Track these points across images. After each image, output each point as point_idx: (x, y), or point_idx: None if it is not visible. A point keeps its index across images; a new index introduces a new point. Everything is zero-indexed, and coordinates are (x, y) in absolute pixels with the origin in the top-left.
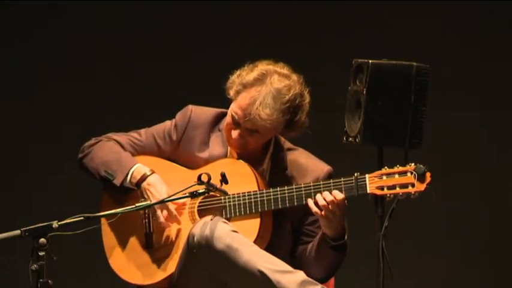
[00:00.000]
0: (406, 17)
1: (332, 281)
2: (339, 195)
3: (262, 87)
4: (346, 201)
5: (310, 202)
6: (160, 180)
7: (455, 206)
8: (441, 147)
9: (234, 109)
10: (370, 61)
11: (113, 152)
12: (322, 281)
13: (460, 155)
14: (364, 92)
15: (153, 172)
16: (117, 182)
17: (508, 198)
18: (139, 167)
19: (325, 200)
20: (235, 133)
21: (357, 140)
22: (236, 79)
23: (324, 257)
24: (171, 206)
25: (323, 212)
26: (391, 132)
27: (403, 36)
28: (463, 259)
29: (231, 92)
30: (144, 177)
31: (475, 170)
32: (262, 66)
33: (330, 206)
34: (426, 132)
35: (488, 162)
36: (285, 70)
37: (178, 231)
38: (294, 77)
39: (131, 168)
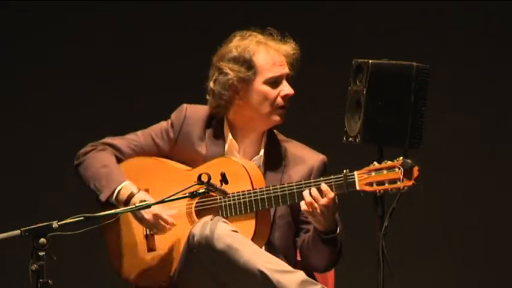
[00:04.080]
0: (406, 17)
1: (332, 281)
2: (330, 194)
3: (260, 42)
4: (336, 200)
5: (302, 203)
6: (147, 196)
7: (455, 205)
8: (441, 147)
9: (271, 73)
10: (370, 61)
11: (103, 166)
12: (324, 270)
13: (459, 155)
14: (364, 92)
15: (139, 190)
16: (102, 197)
17: (508, 198)
18: (126, 186)
19: (314, 199)
20: (287, 87)
21: (357, 140)
22: (235, 74)
23: (319, 249)
24: (165, 216)
25: (311, 210)
26: (391, 132)
27: (403, 36)
28: (463, 259)
29: (247, 75)
30: (131, 196)
31: (475, 170)
32: (236, 43)
33: (318, 205)
34: (426, 132)
35: (488, 162)
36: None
37: (178, 232)
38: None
39: (118, 186)
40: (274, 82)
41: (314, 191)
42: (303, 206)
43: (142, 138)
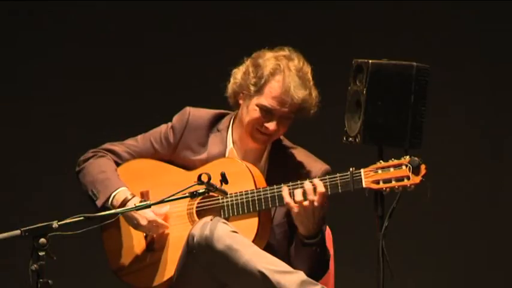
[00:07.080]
0: (406, 17)
1: (332, 281)
2: (321, 188)
3: (285, 71)
4: (327, 203)
5: (285, 192)
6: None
7: (455, 205)
8: (441, 147)
9: (267, 102)
10: (370, 61)
11: (101, 172)
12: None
13: (460, 155)
14: (364, 92)
15: (133, 196)
16: (98, 203)
17: (508, 198)
18: (121, 192)
19: (302, 196)
20: (272, 125)
21: (357, 140)
22: (246, 77)
23: (300, 254)
24: (160, 221)
25: (296, 206)
26: (391, 132)
27: (403, 36)
28: (463, 259)
29: (252, 89)
30: (125, 202)
31: (475, 170)
32: (268, 55)
33: (306, 203)
34: (426, 132)
35: (488, 162)
36: (285, 51)
37: (178, 232)
38: (296, 53)
39: (113, 191)
40: (266, 111)
41: (307, 184)
42: (286, 198)
43: (142, 143)
